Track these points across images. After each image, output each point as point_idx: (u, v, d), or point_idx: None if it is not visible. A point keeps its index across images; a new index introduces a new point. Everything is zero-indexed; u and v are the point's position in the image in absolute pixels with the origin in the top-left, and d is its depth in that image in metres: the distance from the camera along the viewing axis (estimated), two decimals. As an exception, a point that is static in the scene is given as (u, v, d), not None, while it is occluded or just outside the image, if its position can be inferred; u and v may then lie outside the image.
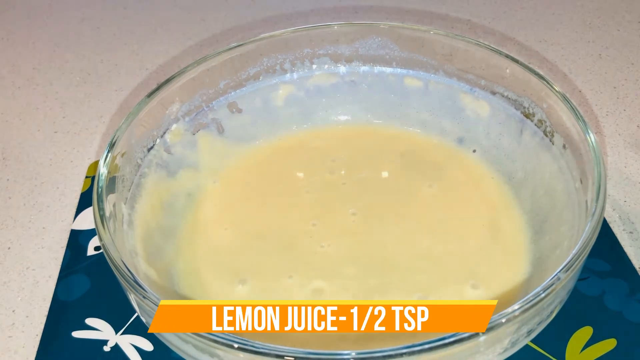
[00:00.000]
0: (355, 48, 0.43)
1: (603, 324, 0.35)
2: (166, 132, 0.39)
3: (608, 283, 0.37)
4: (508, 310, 0.25)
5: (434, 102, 0.43)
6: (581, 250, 0.27)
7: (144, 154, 0.38)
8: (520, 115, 0.39)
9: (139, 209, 0.36)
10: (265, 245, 0.37)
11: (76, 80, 0.59)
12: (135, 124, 0.36)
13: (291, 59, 0.43)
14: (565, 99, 0.34)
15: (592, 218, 0.28)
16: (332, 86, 0.45)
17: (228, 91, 0.42)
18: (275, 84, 0.44)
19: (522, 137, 0.39)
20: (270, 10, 0.66)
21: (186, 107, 0.40)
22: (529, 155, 0.38)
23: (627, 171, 0.45)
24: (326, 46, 0.43)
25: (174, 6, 0.69)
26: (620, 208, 0.42)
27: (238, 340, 0.24)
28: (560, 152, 0.35)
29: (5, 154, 0.50)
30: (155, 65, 0.60)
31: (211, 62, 0.40)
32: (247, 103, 0.43)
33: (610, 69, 0.56)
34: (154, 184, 0.38)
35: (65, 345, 0.35)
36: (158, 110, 0.38)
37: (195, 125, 0.41)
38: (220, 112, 0.42)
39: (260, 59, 0.42)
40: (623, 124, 0.50)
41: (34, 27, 0.67)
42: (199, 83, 0.40)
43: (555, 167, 0.36)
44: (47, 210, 0.45)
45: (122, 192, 0.34)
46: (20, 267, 0.41)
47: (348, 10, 0.66)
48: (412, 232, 0.37)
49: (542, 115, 0.37)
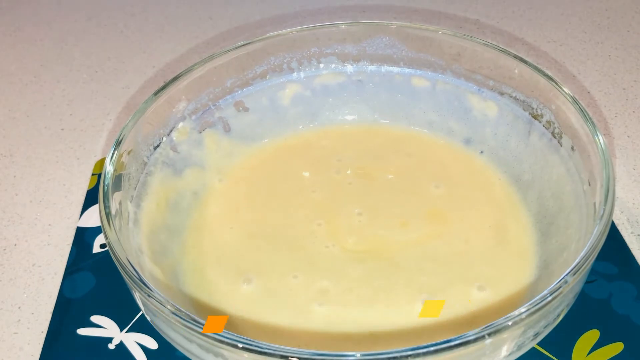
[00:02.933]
0: (362, 47, 0.43)
1: (610, 327, 0.34)
2: (173, 130, 0.39)
3: (615, 286, 0.36)
4: (515, 313, 0.24)
5: (441, 103, 0.43)
6: (589, 254, 0.27)
7: (150, 152, 0.38)
8: (528, 116, 0.38)
9: (144, 207, 0.36)
10: (270, 245, 0.37)
11: (83, 78, 0.59)
12: (142, 122, 0.36)
13: (298, 58, 0.43)
14: (574, 101, 0.34)
15: (600, 221, 0.28)
16: (339, 85, 0.45)
17: (235, 90, 0.42)
18: (282, 83, 0.44)
19: (529, 139, 0.39)
20: (277, 8, 0.66)
21: (193, 106, 0.40)
22: (537, 156, 0.38)
23: (635, 173, 0.45)
24: (333, 45, 0.43)
25: (182, 4, 0.69)
26: (629, 210, 0.42)
27: (243, 340, 0.24)
28: (569, 153, 0.35)
29: (12, 151, 0.51)
30: (162, 63, 0.60)
31: (218, 61, 0.40)
32: (253, 102, 0.43)
33: (620, 70, 0.56)
34: (160, 183, 0.38)
35: (70, 342, 0.35)
36: (165, 108, 0.38)
37: (202, 124, 0.41)
38: (227, 111, 0.42)
39: (267, 57, 0.42)
40: (632, 126, 0.49)
41: (42, 24, 0.67)
42: (205, 81, 0.40)
43: (563, 169, 0.35)
44: (54, 207, 0.45)
45: (128, 190, 0.34)
46: (26, 263, 0.41)
47: (356, 9, 0.65)
48: (418, 233, 0.37)
49: (550, 117, 0.37)
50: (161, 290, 0.27)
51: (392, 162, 0.42)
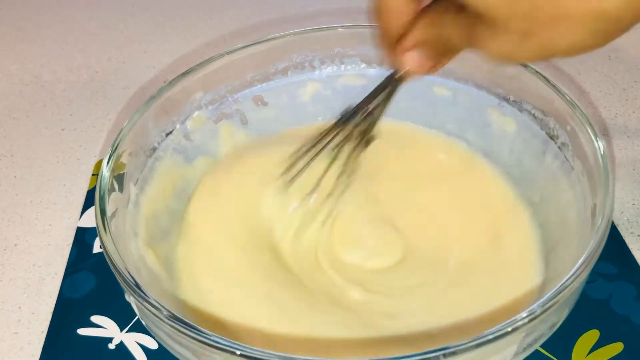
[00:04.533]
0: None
1: (610, 327, 0.34)
2: (187, 119, 0.39)
3: (615, 286, 0.36)
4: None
5: (460, 113, 0.42)
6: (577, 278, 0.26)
7: (162, 138, 0.38)
8: (545, 135, 0.37)
9: (148, 191, 0.36)
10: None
11: (83, 78, 0.59)
12: (155, 108, 0.36)
13: (321, 57, 0.43)
14: (588, 123, 0.33)
15: (591, 253, 0.27)
16: (360, 87, 0.43)
17: (254, 84, 0.42)
18: (303, 80, 0.43)
19: (544, 158, 0.37)
20: (277, 9, 0.66)
21: (210, 96, 0.40)
22: (548, 178, 0.37)
23: (635, 173, 0.45)
24: (357, 47, 0.42)
25: (182, 4, 0.69)
26: (629, 210, 0.42)
27: (239, 347, 0.24)
28: (579, 178, 0.34)
29: (12, 151, 0.51)
30: (162, 63, 0.60)
31: (239, 54, 0.40)
32: (273, 97, 0.43)
33: (619, 71, 0.56)
34: (168, 168, 0.38)
35: (70, 342, 0.35)
36: (181, 96, 0.38)
37: (218, 115, 0.41)
38: (245, 104, 0.42)
39: (289, 54, 0.42)
40: (632, 126, 0.49)
41: (42, 25, 0.67)
42: (225, 74, 0.40)
43: (571, 194, 0.34)
44: (54, 207, 0.45)
45: (132, 173, 0.35)
46: (26, 264, 0.41)
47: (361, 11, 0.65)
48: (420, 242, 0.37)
49: (565, 139, 0.35)
50: (150, 278, 0.27)
51: (402, 167, 0.42)
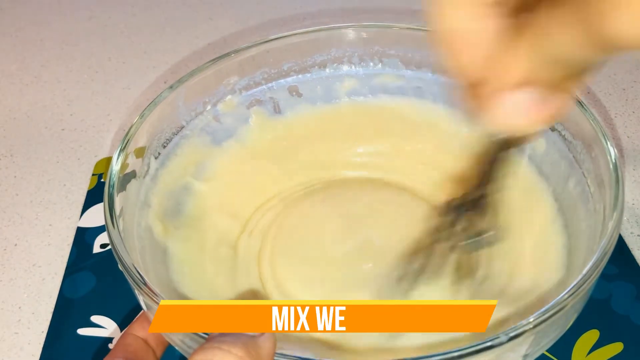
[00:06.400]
0: (425, 54, 0.42)
1: (610, 327, 0.34)
2: (219, 101, 0.40)
3: (615, 286, 0.36)
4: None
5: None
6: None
7: (191, 117, 0.38)
8: (572, 158, 0.35)
9: (169, 166, 0.37)
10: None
11: (84, 78, 0.59)
12: (183, 90, 0.37)
13: (360, 53, 0.43)
14: (609, 153, 0.31)
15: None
16: (397, 88, 0.43)
17: (290, 74, 0.42)
18: (340, 75, 0.43)
19: (567, 184, 0.36)
20: (277, 10, 0.66)
21: (245, 82, 0.41)
22: (568, 206, 0.35)
23: (635, 173, 0.45)
24: (396, 47, 0.42)
25: (182, 4, 0.69)
26: (629, 210, 0.42)
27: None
28: (595, 208, 0.32)
29: (12, 151, 0.51)
30: (162, 63, 0.60)
31: (277, 43, 0.40)
32: (308, 89, 0.43)
33: (620, 71, 0.56)
34: (194, 146, 0.38)
35: (70, 342, 0.35)
36: (214, 78, 0.39)
37: (251, 101, 0.41)
38: (280, 93, 0.42)
39: (329, 48, 0.42)
40: (632, 126, 0.49)
41: (43, 25, 0.67)
42: (262, 60, 0.41)
43: (584, 225, 0.33)
44: (54, 207, 0.45)
45: (155, 147, 0.35)
46: (26, 264, 0.41)
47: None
48: None
49: (589, 165, 0.33)
50: (152, 249, 0.27)
51: (428, 172, 0.41)
